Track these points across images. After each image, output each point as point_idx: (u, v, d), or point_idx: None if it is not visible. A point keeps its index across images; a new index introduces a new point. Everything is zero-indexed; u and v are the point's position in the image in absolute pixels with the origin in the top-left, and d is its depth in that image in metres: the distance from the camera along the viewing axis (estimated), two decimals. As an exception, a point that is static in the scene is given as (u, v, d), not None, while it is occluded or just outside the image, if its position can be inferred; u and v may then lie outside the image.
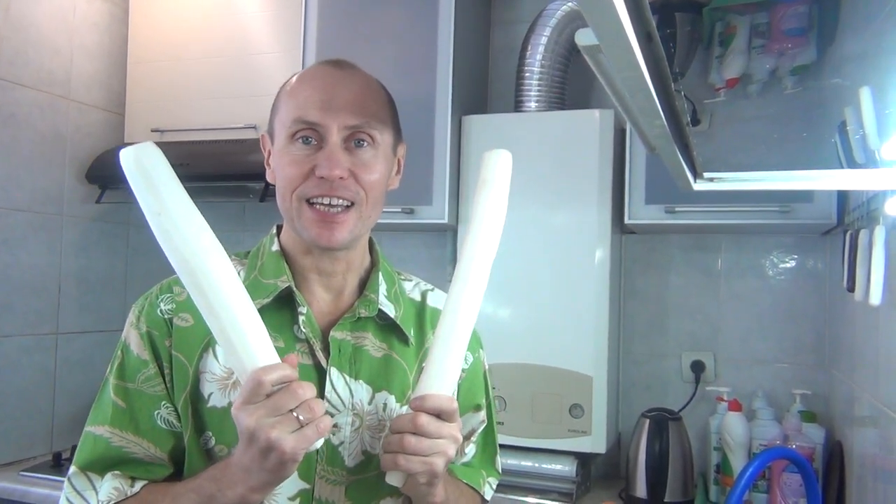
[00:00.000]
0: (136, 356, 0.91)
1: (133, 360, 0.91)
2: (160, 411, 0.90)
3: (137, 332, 0.92)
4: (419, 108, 1.97)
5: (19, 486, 1.90)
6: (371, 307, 0.96)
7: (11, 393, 2.07)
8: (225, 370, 0.90)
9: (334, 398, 0.91)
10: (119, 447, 0.89)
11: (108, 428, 0.90)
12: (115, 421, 0.90)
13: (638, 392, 2.13)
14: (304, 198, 0.90)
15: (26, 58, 2.11)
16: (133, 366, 0.91)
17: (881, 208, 1.17)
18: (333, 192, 0.89)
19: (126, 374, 0.91)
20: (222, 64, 2.33)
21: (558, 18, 1.98)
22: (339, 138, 0.90)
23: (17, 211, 2.09)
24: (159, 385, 0.90)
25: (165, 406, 0.90)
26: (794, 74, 1.09)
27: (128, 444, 0.89)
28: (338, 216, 0.90)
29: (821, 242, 1.98)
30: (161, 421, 0.90)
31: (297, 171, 0.90)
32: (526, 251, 1.92)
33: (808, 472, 1.26)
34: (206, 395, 0.89)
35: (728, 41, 1.14)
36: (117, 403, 0.91)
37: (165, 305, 0.93)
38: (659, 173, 1.79)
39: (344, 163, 0.89)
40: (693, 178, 0.92)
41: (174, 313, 0.92)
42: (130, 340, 0.92)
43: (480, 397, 1.07)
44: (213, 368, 0.90)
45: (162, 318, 0.92)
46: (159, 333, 0.91)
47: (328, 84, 0.92)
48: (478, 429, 1.07)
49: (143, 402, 0.90)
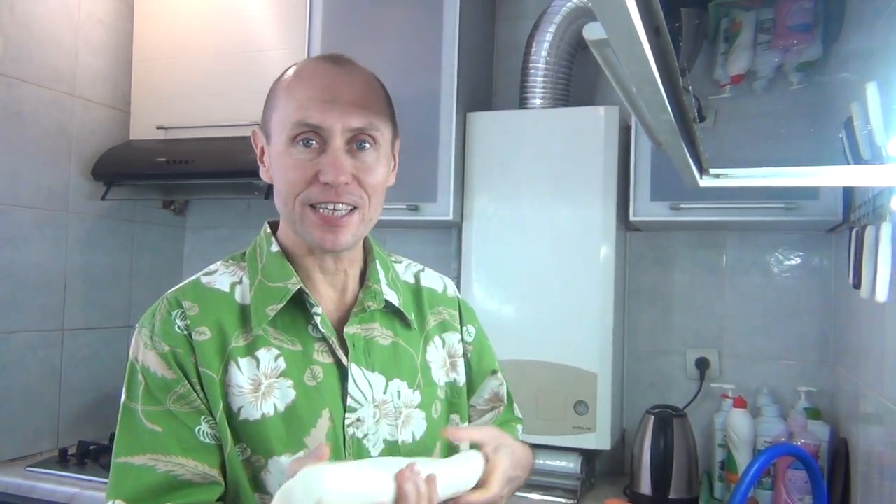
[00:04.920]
0: (161, 377, 0.88)
1: (158, 382, 0.88)
2: (201, 426, 0.88)
3: (156, 353, 0.88)
4: (424, 105, 1.97)
5: (25, 481, 1.90)
6: (378, 299, 0.97)
7: (17, 389, 2.08)
8: (251, 382, 0.89)
9: (356, 393, 0.92)
10: (165, 472, 0.86)
11: (150, 456, 0.86)
12: (157, 447, 0.86)
13: (642, 389, 2.13)
14: (309, 203, 0.90)
15: (31, 55, 2.12)
16: (160, 387, 0.88)
17: (887, 204, 1.17)
18: (338, 198, 0.89)
19: (155, 398, 0.88)
20: (227, 61, 2.33)
21: (563, 15, 1.97)
22: (342, 141, 0.89)
23: (22, 207, 2.09)
24: (196, 401, 0.88)
25: (206, 420, 0.88)
26: (799, 70, 1.09)
27: (174, 468, 0.86)
28: (342, 219, 0.90)
29: (826, 239, 1.98)
30: (203, 436, 0.88)
31: (300, 176, 0.89)
32: (531, 248, 1.92)
33: (813, 468, 1.26)
34: (237, 409, 0.88)
35: (733, 37, 1.14)
36: (153, 430, 0.87)
37: (181, 321, 0.90)
38: (664, 170, 1.79)
39: (348, 167, 0.89)
40: (699, 175, 0.92)
41: (191, 328, 0.89)
42: (150, 363, 0.89)
43: (492, 363, 1.13)
44: (239, 381, 0.89)
45: (181, 335, 0.89)
46: (183, 351, 0.88)
47: (329, 83, 0.90)
48: (498, 391, 1.13)
49: (181, 422, 0.87)
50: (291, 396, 0.90)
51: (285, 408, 0.89)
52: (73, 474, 1.93)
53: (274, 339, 0.91)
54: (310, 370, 0.91)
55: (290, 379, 0.90)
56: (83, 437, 2.14)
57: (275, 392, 0.89)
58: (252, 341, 0.90)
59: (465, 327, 1.10)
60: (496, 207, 1.97)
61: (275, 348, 0.91)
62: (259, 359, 0.90)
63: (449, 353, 1.05)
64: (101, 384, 2.33)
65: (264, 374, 0.89)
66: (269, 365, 0.90)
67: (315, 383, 0.91)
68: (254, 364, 0.90)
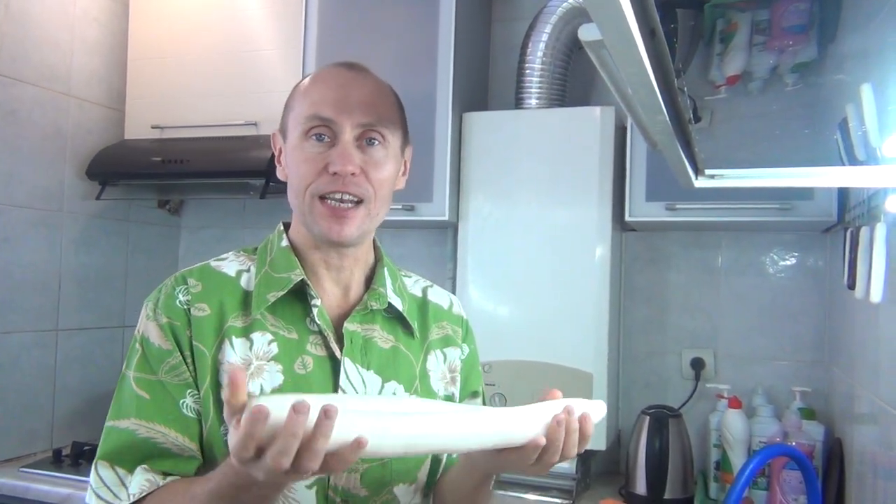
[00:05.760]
0: (158, 347, 0.92)
1: (154, 351, 0.92)
2: (186, 400, 0.91)
3: (156, 324, 0.93)
4: (420, 104, 1.97)
5: (20, 482, 1.90)
6: (381, 300, 1.00)
7: (12, 389, 2.07)
8: (242, 361, 0.91)
9: (348, 388, 0.94)
10: (146, 438, 0.89)
11: (133, 420, 0.90)
12: (141, 413, 0.90)
13: (638, 389, 2.13)
14: (318, 194, 0.93)
15: (27, 54, 2.11)
16: (155, 356, 0.92)
17: (882, 205, 1.17)
18: (345, 189, 0.93)
19: (149, 366, 0.92)
20: (223, 61, 2.33)
21: (559, 15, 1.98)
22: (352, 136, 0.94)
23: (17, 207, 2.08)
24: (185, 373, 0.91)
25: (191, 394, 0.91)
26: (794, 71, 1.09)
27: (155, 435, 0.89)
28: (348, 211, 0.93)
29: (821, 240, 1.98)
30: (187, 409, 0.91)
31: (311, 169, 0.93)
32: (526, 248, 1.92)
33: (807, 469, 1.26)
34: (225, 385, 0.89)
35: (729, 38, 1.14)
36: (141, 396, 0.91)
37: (183, 296, 0.94)
38: (659, 171, 1.79)
39: (356, 159, 0.93)
40: (694, 175, 0.93)
41: (191, 304, 0.93)
42: (149, 333, 0.93)
43: (477, 384, 1.13)
44: (231, 358, 0.91)
45: (181, 309, 0.93)
46: (180, 324, 0.92)
47: (342, 84, 0.96)
48: None
49: (168, 392, 0.91)
50: (279, 381, 0.92)
51: (271, 391, 0.91)
52: (68, 475, 1.92)
53: (270, 325, 0.94)
54: (301, 359, 0.94)
55: (280, 364, 0.93)
56: (77, 437, 2.13)
57: (263, 374, 0.92)
58: (249, 324, 0.94)
59: (464, 345, 1.11)
60: (492, 207, 1.97)
61: (270, 333, 0.94)
62: (253, 340, 0.93)
63: (450, 368, 1.07)
64: (96, 385, 2.33)
65: (256, 356, 0.92)
66: (262, 348, 0.93)
67: (304, 372, 0.93)
68: (247, 345, 0.93)
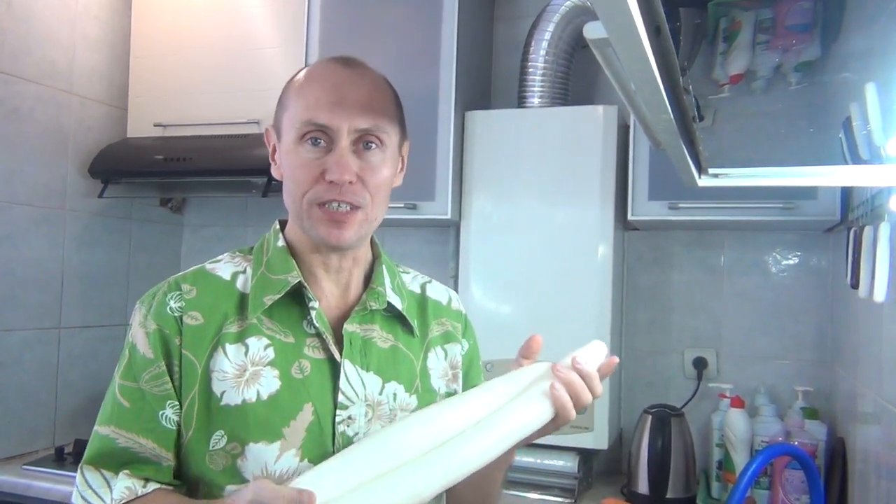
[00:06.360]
0: (142, 355, 0.91)
1: (139, 359, 0.91)
2: (165, 411, 0.90)
3: (144, 332, 0.92)
4: (422, 103, 1.97)
5: (22, 479, 1.90)
6: (380, 299, 0.98)
7: (14, 387, 2.07)
8: (236, 368, 0.90)
9: (348, 390, 0.93)
10: (125, 447, 0.90)
11: (113, 428, 0.91)
12: (120, 421, 0.91)
13: (640, 388, 2.13)
14: (316, 202, 0.92)
15: (29, 50, 2.11)
16: (139, 365, 0.91)
17: (886, 205, 1.17)
18: (342, 197, 0.91)
19: (132, 374, 0.92)
20: (225, 58, 2.33)
21: (562, 14, 1.97)
22: (349, 141, 0.91)
23: (19, 205, 2.09)
24: (167, 384, 0.90)
25: (171, 405, 0.90)
26: (798, 70, 1.09)
27: (133, 445, 0.90)
28: (346, 216, 0.92)
29: (824, 239, 1.98)
30: (166, 420, 0.90)
31: (308, 175, 0.91)
32: (529, 247, 1.92)
33: (810, 468, 1.26)
34: (219, 394, 0.89)
35: (732, 37, 1.14)
36: (122, 404, 0.91)
37: (175, 303, 0.93)
38: (662, 170, 1.79)
39: (353, 167, 0.91)
40: (698, 174, 0.93)
41: (184, 311, 0.92)
42: (137, 340, 0.93)
43: (477, 380, 1.12)
44: (224, 367, 0.90)
45: (172, 316, 0.92)
46: (170, 331, 0.91)
47: (338, 84, 0.93)
48: None
49: (148, 402, 0.90)
50: (276, 386, 0.91)
51: (268, 396, 0.90)
52: (70, 473, 1.91)
53: (266, 329, 0.93)
54: (298, 363, 0.92)
55: (276, 369, 0.91)
56: (80, 435, 2.13)
57: (260, 380, 0.90)
58: (245, 329, 0.92)
59: (464, 340, 1.11)
60: (494, 206, 1.97)
61: (266, 337, 0.93)
62: (248, 346, 0.92)
63: (451, 365, 1.06)
64: (98, 382, 2.33)
65: (251, 362, 0.91)
66: (258, 353, 0.91)
67: (301, 377, 0.92)
68: (242, 350, 0.91)
